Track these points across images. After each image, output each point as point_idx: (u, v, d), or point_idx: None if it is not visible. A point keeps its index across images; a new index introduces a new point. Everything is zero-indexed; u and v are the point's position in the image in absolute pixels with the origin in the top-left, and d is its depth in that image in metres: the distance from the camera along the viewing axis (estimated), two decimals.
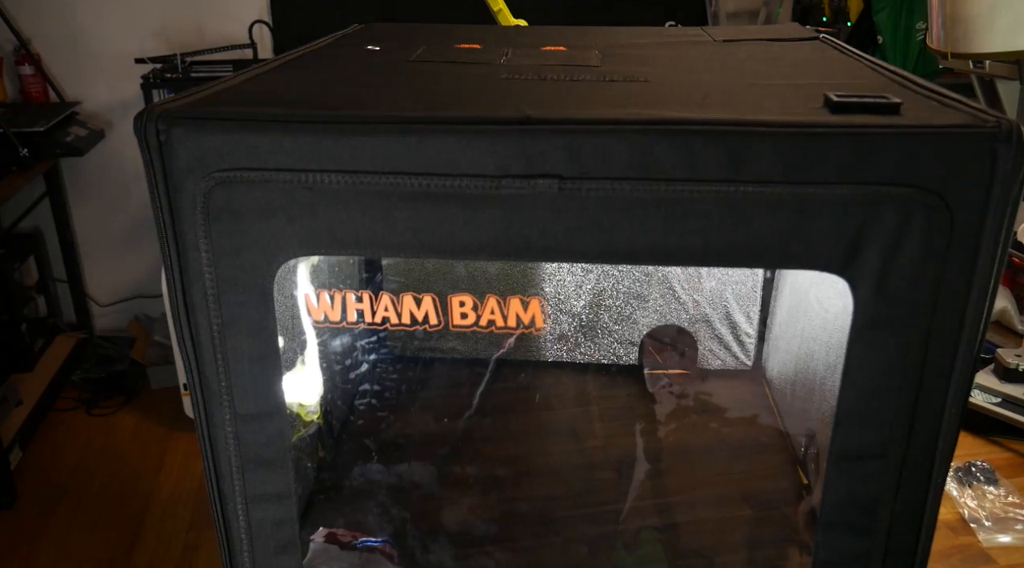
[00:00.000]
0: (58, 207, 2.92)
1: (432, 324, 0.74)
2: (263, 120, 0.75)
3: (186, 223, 0.78)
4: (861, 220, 0.72)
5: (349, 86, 0.98)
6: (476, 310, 0.74)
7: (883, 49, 2.97)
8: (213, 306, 0.81)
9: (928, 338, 0.75)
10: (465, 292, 0.75)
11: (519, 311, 0.78)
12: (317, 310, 0.81)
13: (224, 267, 0.79)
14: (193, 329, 0.83)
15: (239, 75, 0.94)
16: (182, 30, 2.90)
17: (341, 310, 0.78)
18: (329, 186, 0.74)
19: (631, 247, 0.72)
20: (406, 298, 0.77)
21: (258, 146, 0.74)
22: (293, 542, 0.92)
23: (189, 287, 0.81)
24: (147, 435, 2.64)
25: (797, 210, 0.71)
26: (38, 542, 2.16)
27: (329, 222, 0.75)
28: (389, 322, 0.75)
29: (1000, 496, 2.15)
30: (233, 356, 0.83)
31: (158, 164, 0.77)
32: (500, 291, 0.76)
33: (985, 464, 2.25)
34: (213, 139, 0.75)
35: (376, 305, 0.76)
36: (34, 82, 2.81)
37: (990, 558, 2.00)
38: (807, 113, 0.75)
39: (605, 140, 0.71)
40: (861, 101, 0.74)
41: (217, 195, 0.76)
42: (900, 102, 0.74)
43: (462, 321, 0.72)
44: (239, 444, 0.87)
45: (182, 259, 0.80)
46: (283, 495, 0.89)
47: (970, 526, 2.08)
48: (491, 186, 0.71)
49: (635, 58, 1.10)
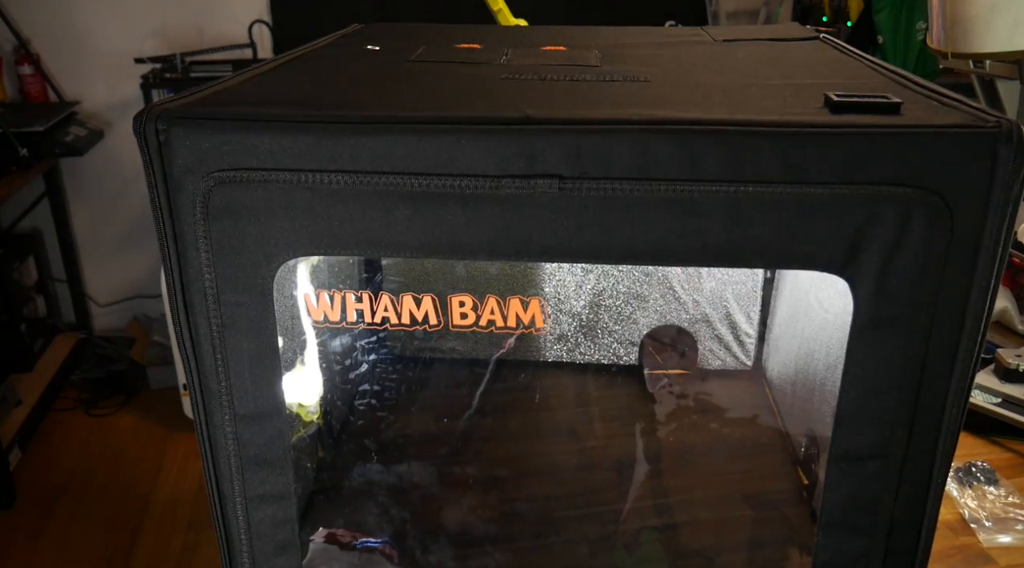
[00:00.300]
0: (57, 207, 2.92)
1: (432, 324, 0.74)
2: (263, 120, 0.74)
3: (185, 223, 0.78)
4: (861, 220, 0.72)
5: (349, 86, 0.98)
6: (476, 310, 0.74)
7: (883, 49, 2.97)
8: (212, 306, 0.81)
9: (928, 338, 0.74)
10: (465, 292, 0.75)
11: (519, 311, 0.78)
12: (317, 310, 0.81)
13: (223, 267, 0.79)
14: (192, 329, 0.83)
15: (238, 75, 0.94)
16: (182, 30, 2.90)
17: (341, 310, 0.78)
18: (328, 186, 0.74)
19: (631, 247, 0.72)
20: (406, 298, 0.76)
21: (257, 146, 0.74)
22: (293, 543, 0.92)
23: (188, 287, 0.81)
24: (147, 435, 2.64)
25: (797, 210, 0.71)
26: (38, 542, 2.16)
27: (328, 222, 0.75)
28: (389, 322, 0.75)
29: (1000, 496, 2.15)
30: (233, 356, 0.83)
31: (157, 164, 0.77)
32: (500, 291, 0.76)
33: (985, 464, 2.25)
34: (212, 139, 0.75)
35: (376, 305, 0.76)
36: (33, 82, 2.81)
37: (990, 558, 2.00)
38: (807, 113, 0.75)
39: (605, 140, 0.71)
40: (861, 101, 0.74)
41: (216, 195, 0.76)
42: (900, 102, 0.74)
43: (462, 321, 0.72)
44: (238, 444, 0.87)
45: (181, 259, 0.80)
46: (283, 495, 0.89)
47: (970, 526, 2.08)
48: (491, 186, 0.71)
49: (635, 58, 1.10)
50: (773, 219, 0.72)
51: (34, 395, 2.61)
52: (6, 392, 2.49)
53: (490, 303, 0.75)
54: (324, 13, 2.91)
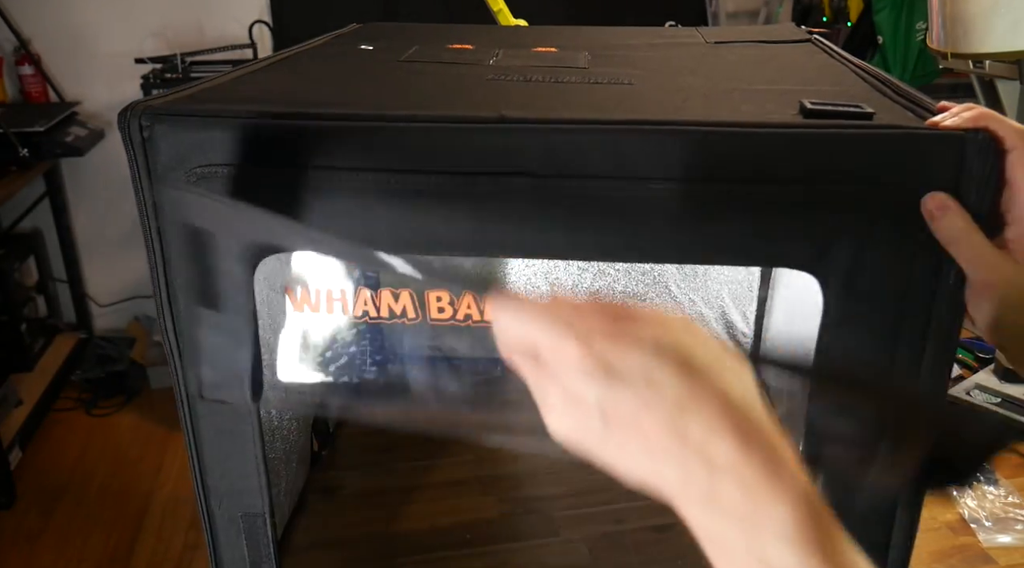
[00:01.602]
0: (58, 207, 2.93)
1: (411, 318, 0.75)
2: (242, 117, 0.75)
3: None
4: (831, 219, 0.72)
5: (334, 85, 0.98)
6: (453, 305, 0.74)
7: (883, 49, 2.97)
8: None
9: (897, 335, 0.75)
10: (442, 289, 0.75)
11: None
12: (299, 303, 0.81)
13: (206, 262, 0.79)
14: (176, 324, 0.84)
15: (229, 74, 0.95)
16: (182, 30, 2.91)
17: (322, 304, 0.78)
18: (306, 182, 0.74)
19: (603, 244, 0.73)
20: (384, 293, 0.77)
21: (238, 142, 0.74)
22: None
23: (173, 282, 0.82)
24: (147, 435, 2.65)
25: (768, 208, 0.71)
26: (38, 542, 2.17)
27: (308, 219, 0.75)
28: (368, 315, 0.75)
29: (1000, 496, 2.15)
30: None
31: (141, 160, 0.78)
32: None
33: (985, 464, 2.24)
34: (194, 135, 0.75)
35: (356, 299, 0.77)
36: (34, 82, 2.82)
37: (990, 558, 1.99)
38: (780, 117, 0.76)
39: (577, 139, 0.71)
40: (835, 109, 0.75)
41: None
42: (873, 112, 0.74)
43: (440, 315, 0.72)
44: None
45: (165, 254, 0.81)
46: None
47: (970, 526, 2.07)
48: (466, 183, 0.71)
49: (624, 60, 1.10)
50: (744, 217, 0.72)
51: (34, 395, 2.62)
52: (6, 392, 2.50)
53: (466, 298, 0.75)
54: (325, 13, 2.92)
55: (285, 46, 1.12)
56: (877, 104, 0.78)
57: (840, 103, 0.75)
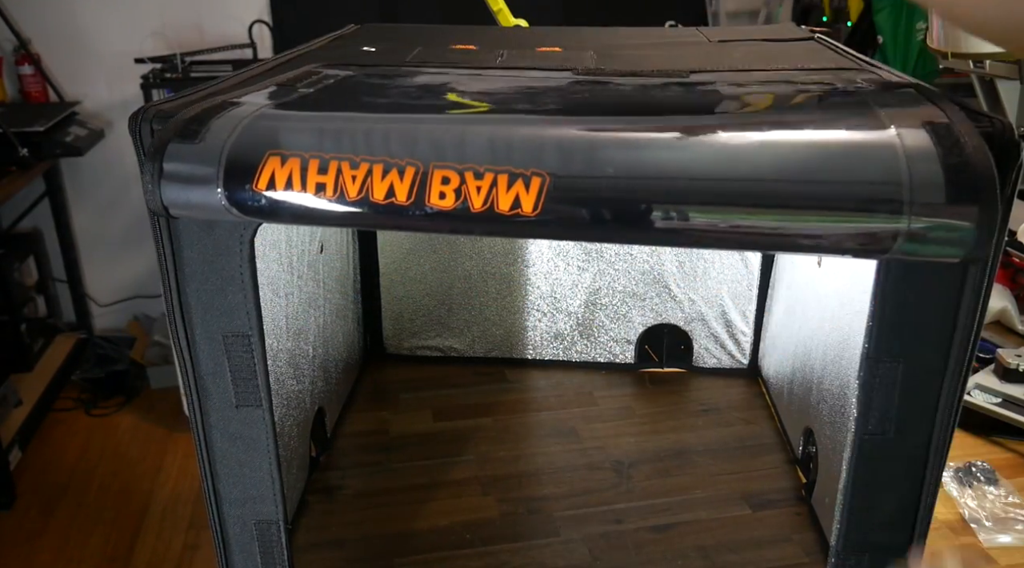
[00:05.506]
0: (58, 207, 2.93)
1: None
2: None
3: (181, 221, 0.79)
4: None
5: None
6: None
7: (883, 49, 2.97)
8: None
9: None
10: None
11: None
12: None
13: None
14: (188, 328, 0.83)
15: (236, 75, 0.94)
16: (182, 30, 2.91)
17: (301, 183, 0.68)
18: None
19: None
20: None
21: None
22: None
23: (184, 285, 0.81)
24: (147, 435, 2.65)
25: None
26: (38, 542, 2.17)
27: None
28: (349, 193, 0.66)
29: (1000, 496, 2.14)
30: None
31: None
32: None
33: (985, 464, 2.24)
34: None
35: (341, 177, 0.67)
36: (34, 82, 2.82)
37: (990, 558, 1.99)
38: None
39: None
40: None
41: None
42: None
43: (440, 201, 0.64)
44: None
45: (176, 257, 0.80)
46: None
47: (970, 526, 2.07)
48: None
49: (629, 59, 1.10)
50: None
51: (34, 395, 2.62)
52: (6, 392, 2.50)
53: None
54: (324, 13, 2.92)
55: (285, 46, 1.11)
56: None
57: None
